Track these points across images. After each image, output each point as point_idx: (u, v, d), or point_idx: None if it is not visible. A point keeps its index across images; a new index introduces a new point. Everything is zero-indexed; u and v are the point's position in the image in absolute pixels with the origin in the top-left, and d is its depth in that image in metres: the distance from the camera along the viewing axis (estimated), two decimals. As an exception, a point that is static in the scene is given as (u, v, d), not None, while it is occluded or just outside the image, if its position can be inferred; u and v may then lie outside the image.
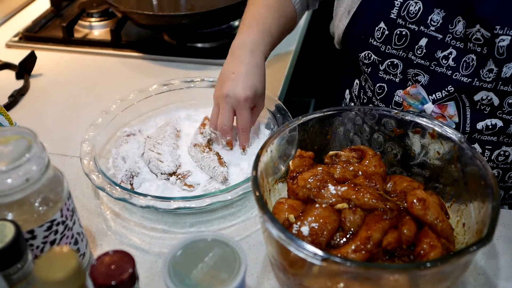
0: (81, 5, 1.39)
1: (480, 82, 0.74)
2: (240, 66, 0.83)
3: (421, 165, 0.75)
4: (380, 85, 0.84)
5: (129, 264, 0.56)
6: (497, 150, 0.80)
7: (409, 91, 0.81)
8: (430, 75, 0.79)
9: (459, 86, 0.76)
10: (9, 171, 0.57)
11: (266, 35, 0.86)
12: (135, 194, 0.74)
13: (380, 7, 0.80)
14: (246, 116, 0.83)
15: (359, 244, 0.60)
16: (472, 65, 0.74)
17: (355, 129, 0.79)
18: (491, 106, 0.76)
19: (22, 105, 1.07)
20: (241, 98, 0.81)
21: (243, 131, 0.84)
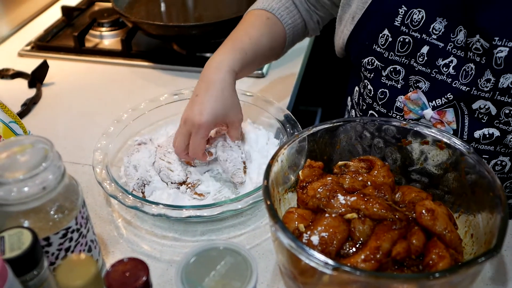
0: (92, 15, 1.41)
1: (478, 91, 0.75)
2: (202, 88, 0.82)
3: (421, 171, 0.76)
4: (382, 90, 0.86)
5: (143, 272, 0.57)
6: (494, 159, 0.81)
7: (410, 96, 0.83)
8: (431, 82, 0.80)
9: (458, 94, 0.77)
10: (26, 179, 0.58)
11: (238, 52, 0.85)
12: (147, 202, 0.76)
13: (385, 14, 0.82)
14: (197, 143, 0.81)
15: (368, 254, 0.61)
16: (471, 74, 0.76)
17: (363, 142, 0.80)
18: (488, 115, 0.77)
19: (34, 113, 1.08)
20: (195, 123, 0.80)
21: (192, 156, 0.84)
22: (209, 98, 0.81)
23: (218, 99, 0.81)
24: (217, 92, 0.81)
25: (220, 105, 0.81)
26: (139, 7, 1.35)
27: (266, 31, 0.90)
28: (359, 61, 0.87)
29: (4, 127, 0.82)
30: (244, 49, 0.86)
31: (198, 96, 0.82)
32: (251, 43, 0.87)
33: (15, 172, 0.59)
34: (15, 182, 0.58)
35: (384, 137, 0.78)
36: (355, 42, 0.87)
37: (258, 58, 0.90)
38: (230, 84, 0.83)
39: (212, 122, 0.81)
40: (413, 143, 0.75)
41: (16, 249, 0.55)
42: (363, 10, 0.84)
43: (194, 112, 0.80)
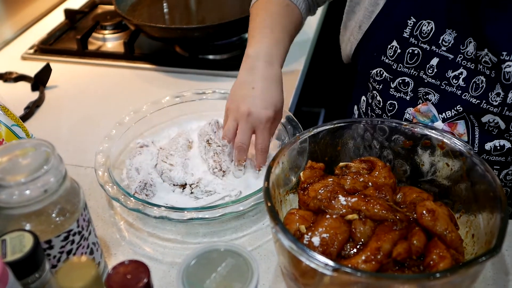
0: (95, 18, 1.41)
1: (487, 105, 0.75)
2: (259, 80, 0.81)
3: (431, 182, 0.76)
4: (390, 102, 0.85)
5: (144, 274, 0.57)
6: (505, 170, 0.81)
7: (420, 108, 0.82)
8: (440, 94, 0.80)
9: (468, 106, 0.77)
10: (27, 182, 0.59)
11: (280, 44, 0.85)
12: (149, 204, 0.76)
13: (393, 25, 0.81)
14: (266, 137, 0.81)
15: (369, 255, 0.61)
16: (482, 87, 0.75)
17: (365, 144, 0.79)
18: (498, 129, 0.76)
19: (37, 117, 1.09)
20: (263, 118, 0.79)
21: (262, 152, 0.82)
22: (271, 93, 0.81)
23: (278, 94, 0.82)
24: (275, 87, 0.82)
25: (279, 100, 0.82)
26: (142, 10, 1.36)
27: (289, 18, 0.90)
28: (367, 72, 0.87)
29: (6, 130, 0.83)
30: (284, 41, 0.86)
31: (256, 90, 0.81)
32: (286, 33, 0.88)
33: (17, 175, 0.59)
34: (17, 185, 0.58)
35: (382, 142, 0.78)
36: (362, 52, 0.87)
37: (289, 47, 0.90)
38: (281, 79, 0.84)
39: (276, 114, 0.82)
40: (415, 144, 0.75)
41: (17, 252, 0.55)
42: (371, 20, 0.84)
43: (258, 107, 0.79)
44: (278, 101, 0.82)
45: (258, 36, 0.85)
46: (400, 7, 0.80)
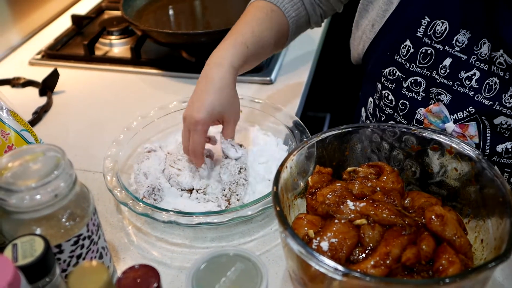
0: (102, 24, 1.42)
1: (501, 107, 0.75)
2: (201, 83, 0.83)
3: (439, 184, 0.76)
4: (402, 101, 0.85)
5: (154, 278, 0.57)
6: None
7: (431, 109, 0.82)
8: (453, 95, 0.79)
9: (480, 108, 0.77)
10: (38, 187, 0.59)
11: (239, 47, 0.85)
12: (157, 209, 0.76)
13: (407, 25, 0.81)
14: (196, 140, 0.81)
15: (378, 260, 0.61)
16: (495, 89, 0.75)
17: (373, 146, 0.79)
18: (510, 131, 0.76)
19: (45, 121, 1.09)
20: (193, 121, 0.80)
21: (192, 154, 0.83)
22: (206, 95, 0.81)
23: (216, 96, 0.81)
24: (214, 89, 0.81)
25: (217, 102, 0.81)
26: (148, 15, 1.36)
27: (269, 24, 0.90)
28: (379, 71, 0.87)
29: (16, 135, 0.83)
30: (246, 44, 0.85)
31: (196, 94, 0.82)
32: (254, 37, 0.86)
33: (27, 180, 0.59)
34: (28, 190, 0.59)
35: (392, 143, 0.78)
36: (375, 51, 0.87)
37: (260, 52, 0.89)
38: (230, 82, 0.82)
39: (209, 118, 0.80)
40: (424, 148, 0.75)
41: (28, 256, 0.55)
42: (384, 19, 0.84)
43: (192, 109, 0.81)
44: (214, 103, 0.81)
45: (222, 42, 0.87)
46: (414, 6, 0.80)
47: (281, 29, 0.92)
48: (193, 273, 0.60)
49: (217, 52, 0.85)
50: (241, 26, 0.89)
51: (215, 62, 0.83)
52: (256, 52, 0.88)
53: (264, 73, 1.18)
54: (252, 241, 0.78)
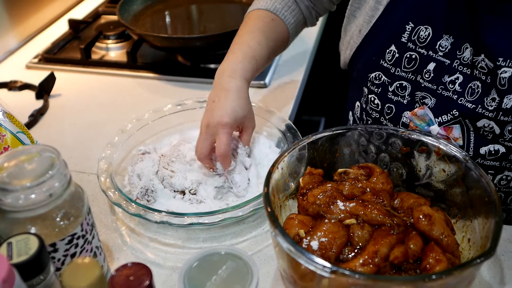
0: (98, 28, 1.43)
1: (483, 110, 0.76)
2: (219, 93, 0.84)
3: (426, 186, 0.77)
4: (388, 105, 0.87)
5: (147, 276, 0.58)
6: (499, 174, 0.82)
7: (416, 112, 0.84)
8: (437, 98, 0.81)
9: (463, 111, 0.78)
10: (33, 187, 0.60)
11: (248, 60, 0.87)
12: (150, 210, 0.77)
13: (392, 30, 0.83)
14: (223, 141, 0.82)
15: (367, 258, 0.62)
16: (477, 92, 0.77)
17: (360, 149, 0.81)
18: (493, 133, 0.78)
19: (41, 124, 1.11)
20: (219, 124, 0.82)
21: (220, 157, 0.83)
22: (228, 102, 0.83)
23: (236, 102, 0.83)
24: (234, 97, 0.84)
25: (239, 108, 0.84)
26: (144, 20, 1.38)
27: (272, 34, 0.92)
28: (365, 75, 0.88)
29: (12, 137, 0.84)
30: (254, 57, 0.88)
31: (216, 102, 0.84)
32: (260, 49, 0.89)
33: (23, 180, 0.60)
34: (23, 189, 0.60)
35: (379, 146, 0.79)
36: (362, 56, 0.89)
37: (266, 61, 0.92)
38: (245, 92, 0.86)
39: (234, 122, 0.83)
40: (412, 150, 0.76)
41: (23, 254, 0.56)
42: (371, 24, 0.86)
43: (215, 116, 0.82)
44: (237, 109, 0.83)
45: (229, 52, 0.89)
46: (399, 12, 0.82)
47: (283, 36, 0.95)
48: (185, 272, 0.61)
49: (228, 65, 0.87)
50: (246, 37, 0.90)
51: (228, 75, 0.85)
52: (263, 62, 0.91)
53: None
54: (244, 241, 0.79)
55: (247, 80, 0.87)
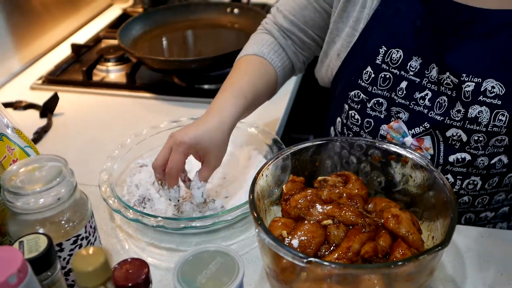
0: (99, 52, 1.52)
1: (450, 121, 0.84)
2: (201, 119, 0.87)
3: (402, 192, 0.85)
4: (367, 120, 0.95)
5: (144, 269, 0.66)
6: (466, 179, 0.90)
7: (392, 125, 0.92)
8: (410, 113, 0.89)
9: (434, 123, 0.86)
10: (42, 192, 0.68)
11: (239, 98, 0.90)
12: (147, 215, 0.85)
13: (368, 54, 0.91)
14: (174, 159, 0.84)
15: (341, 253, 0.70)
16: (444, 106, 0.85)
17: (342, 161, 0.89)
18: (460, 142, 0.86)
19: (45, 141, 1.18)
20: (177, 140, 0.84)
21: (167, 173, 0.85)
22: (199, 127, 0.85)
23: (207, 134, 0.85)
24: (208, 127, 0.85)
25: (207, 138, 0.85)
26: (143, 44, 1.47)
27: (261, 75, 0.97)
28: (346, 94, 0.96)
29: (20, 150, 0.92)
30: (245, 95, 0.91)
31: (193, 123, 0.87)
32: (250, 88, 0.93)
33: (33, 185, 0.68)
34: (33, 194, 0.67)
35: (360, 157, 0.87)
36: (342, 76, 0.96)
37: (256, 102, 0.96)
38: (225, 129, 0.87)
39: (193, 144, 0.84)
40: (385, 159, 0.84)
41: (34, 251, 0.62)
42: (348, 49, 0.93)
43: (181, 131, 0.85)
44: (204, 139, 0.84)
45: (220, 92, 0.92)
46: (373, 38, 0.90)
47: (271, 78, 1.00)
48: (179, 267, 0.68)
49: (218, 102, 0.90)
50: (237, 78, 0.95)
51: (215, 110, 0.88)
52: (253, 102, 0.94)
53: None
54: (233, 244, 0.86)
55: (234, 117, 0.88)
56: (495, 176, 0.90)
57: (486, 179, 0.90)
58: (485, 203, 0.93)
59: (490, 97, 0.81)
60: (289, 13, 1.01)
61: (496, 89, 0.80)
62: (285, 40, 1.02)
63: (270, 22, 1.05)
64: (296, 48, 1.03)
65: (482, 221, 0.97)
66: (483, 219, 0.96)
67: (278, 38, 1.02)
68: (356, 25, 0.92)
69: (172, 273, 0.67)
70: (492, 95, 0.80)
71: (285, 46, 1.02)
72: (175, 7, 1.60)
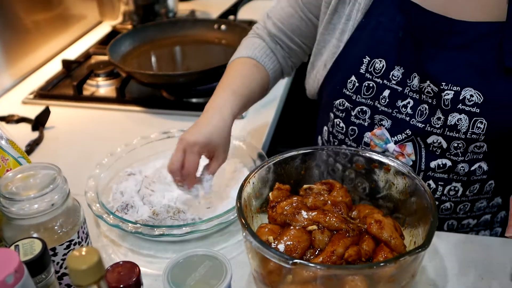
0: (90, 67, 1.55)
1: (431, 128, 0.88)
2: (200, 119, 0.92)
3: (385, 198, 0.88)
4: (352, 127, 0.98)
5: (135, 272, 0.69)
6: (448, 185, 0.93)
7: (375, 132, 0.95)
8: (392, 120, 0.93)
9: (415, 130, 0.90)
10: (36, 197, 0.70)
11: (236, 96, 0.96)
12: (125, 221, 0.88)
13: (352, 63, 0.95)
14: (191, 160, 0.88)
15: (325, 257, 0.72)
16: (425, 113, 0.89)
17: (329, 169, 0.92)
18: (441, 149, 0.89)
19: (37, 153, 1.20)
20: (191, 141, 0.88)
21: (186, 174, 0.89)
22: (207, 127, 0.90)
23: (214, 130, 0.90)
24: (214, 124, 0.91)
25: (215, 135, 0.90)
26: (132, 60, 1.50)
27: (255, 76, 1.03)
28: (331, 102, 0.99)
29: (13, 161, 0.94)
30: (241, 94, 0.97)
31: (197, 123, 0.91)
32: (245, 88, 0.98)
33: (28, 191, 0.71)
34: (28, 199, 0.70)
35: (345, 164, 0.91)
36: (328, 85, 1.00)
37: (250, 101, 1.01)
38: (228, 125, 0.93)
39: (206, 143, 0.89)
40: (367, 166, 0.88)
41: (29, 254, 0.65)
42: (333, 59, 0.97)
43: (191, 133, 0.89)
44: (214, 136, 0.90)
45: (216, 92, 0.97)
46: (357, 48, 0.94)
47: (264, 80, 1.05)
48: (169, 270, 0.70)
49: (217, 100, 0.95)
50: (232, 79, 1.00)
51: (215, 108, 0.93)
52: (248, 101, 1.00)
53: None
54: (221, 249, 0.89)
55: (233, 115, 0.94)
56: (476, 182, 0.93)
57: (467, 185, 0.93)
58: (466, 209, 0.97)
59: (469, 105, 0.84)
60: (278, 21, 1.06)
61: (474, 98, 0.84)
62: (274, 45, 1.07)
63: (261, 28, 1.10)
64: (284, 53, 1.09)
65: (465, 228, 1.00)
66: (466, 226, 1.00)
67: (269, 43, 1.07)
68: (341, 36, 0.96)
69: (162, 275, 0.70)
70: (471, 103, 0.84)
71: (275, 51, 1.07)
72: (163, 24, 1.65)
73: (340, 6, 0.95)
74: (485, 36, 0.84)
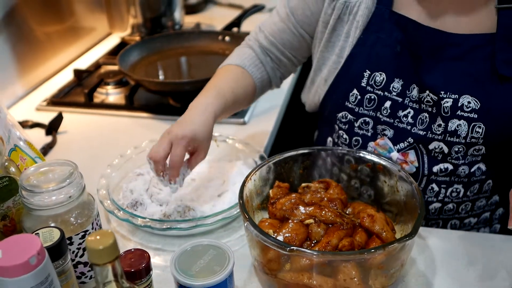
0: (100, 76, 1.61)
1: (432, 134, 0.93)
2: (187, 116, 0.95)
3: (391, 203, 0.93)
4: (355, 138, 1.03)
5: (145, 258, 0.75)
6: (450, 187, 0.98)
7: (378, 142, 0.99)
8: (394, 130, 0.98)
9: (417, 138, 0.95)
10: (55, 190, 0.76)
11: (219, 98, 0.98)
12: (135, 216, 0.94)
13: (353, 77, 0.99)
14: (178, 153, 0.90)
15: (321, 247, 0.78)
16: (426, 121, 0.94)
17: (326, 168, 0.98)
18: (442, 154, 0.94)
19: (51, 156, 1.26)
20: (179, 134, 0.90)
21: (171, 166, 0.91)
22: (192, 122, 0.93)
23: (199, 127, 0.93)
24: (201, 123, 0.94)
25: (200, 132, 0.92)
26: (140, 69, 1.56)
27: (241, 83, 1.07)
28: (335, 115, 1.04)
29: (31, 160, 1.00)
30: (225, 97, 1.00)
31: (181, 120, 0.94)
32: (230, 92, 1.02)
33: (47, 184, 0.77)
34: (47, 192, 0.76)
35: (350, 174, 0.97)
36: (330, 100, 1.05)
37: (235, 105, 1.05)
38: (210, 125, 0.95)
39: (192, 139, 0.91)
40: (360, 167, 0.94)
41: (48, 241, 0.71)
42: (335, 74, 1.02)
43: (178, 127, 0.92)
44: (198, 132, 0.92)
45: (201, 92, 1.02)
46: (357, 63, 0.99)
47: (250, 88, 1.10)
48: (176, 257, 0.76)
49: (201, 99, 0.98)
50: (217, 83, 1.03)
51: (200, 108, 0.96)
52: (232, 105, 1.02)
53: (239, 115, 1.37)
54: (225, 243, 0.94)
55: (215, 116, 0.96)
56: (476, 183, 0.98)
57: (467, 186, 0.98)
58: (468, 209, 1.02)
59: (467, 111, 0.90)
60: (269, 34, 1.10)
61: (472, 104, 0.89)
62: (264, 57, 1.12)
63: (252, 39, 1.14)
64: (274, 64, 1.13)
65: (466, 226, 1.05)
66: (467, 224, 1.05)
67: (259, 54, 1.11)
68: (341, 53, 1.01)
69: (170, 262, 0.76)
70: (469, 109, 0.90)
71: (264, 62, 1.11)
72: (170, 35, 1.71)
73: (339, 25, 1.00)
74: (479, 47, 0.89)
